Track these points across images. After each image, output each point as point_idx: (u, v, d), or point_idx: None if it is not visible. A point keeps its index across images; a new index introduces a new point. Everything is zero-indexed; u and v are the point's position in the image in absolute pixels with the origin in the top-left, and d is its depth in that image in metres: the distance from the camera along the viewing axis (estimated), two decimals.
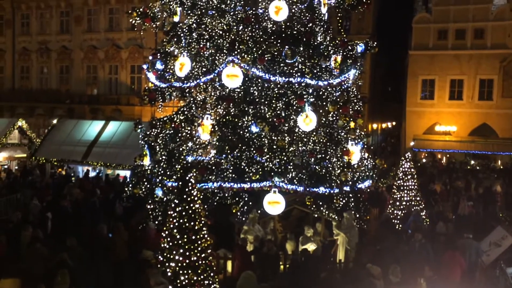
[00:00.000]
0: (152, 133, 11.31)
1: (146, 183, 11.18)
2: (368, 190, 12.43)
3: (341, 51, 10.61)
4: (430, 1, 44.41)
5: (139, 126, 11.66)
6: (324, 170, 10.41)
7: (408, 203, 13.44)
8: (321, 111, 10.86)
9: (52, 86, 37.21)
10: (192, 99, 11.54)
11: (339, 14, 12.03)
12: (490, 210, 16.29)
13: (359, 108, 11.34)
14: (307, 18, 11.01)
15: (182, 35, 11.12)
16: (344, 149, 10.71)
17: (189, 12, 11.21)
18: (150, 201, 11.17)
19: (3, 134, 22.30)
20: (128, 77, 35.25)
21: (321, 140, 10.95)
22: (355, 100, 11.32)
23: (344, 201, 10.38)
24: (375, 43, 11.58)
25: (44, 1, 36.96)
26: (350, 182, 10.47)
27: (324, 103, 10.75)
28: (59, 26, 37.15)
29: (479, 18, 32.28)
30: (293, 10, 10.80)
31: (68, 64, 36.89)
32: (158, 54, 11.38)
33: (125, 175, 19.60)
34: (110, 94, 35.41)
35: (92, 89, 36.31)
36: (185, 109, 11.45)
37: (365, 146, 11.78)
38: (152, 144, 11.25)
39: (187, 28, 11.18)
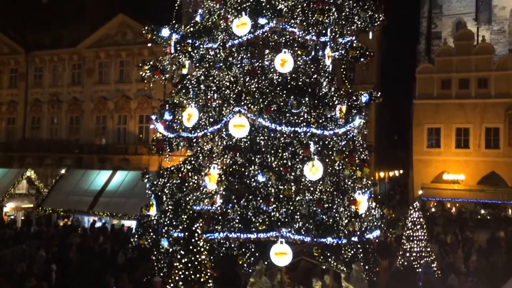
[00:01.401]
0: (159, 182, 11.35)
1: (151, 234, 11.10)
2: (377, 240, 12.23)
3: (346, 101, 10.77)
4: (432, 52, 45.40)
5: (146, 176, 11.71)
6: (331, 220, 10.30)
7: (418, 254, 13.18)
8: (327, 160, 10.89)
9: (62, 136, 37.79)
10: (199, 148, 11.65)
11: (343, 66, 12.30)
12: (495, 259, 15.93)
13: (365, 157, 11.37)
14: (312, 69, 11.27)
15: (190, 86, 11.39)
16: (351, 198, 10.64)
17: (197, 64, 11.54)
18: (155, 252, 11.05)
19: (12, 185, 22.47)
20: (137, 127, 35.78)
21: (328, 189, 10.90)
22: (361, 149, 11.36)
23: (352, 252, 10.19)
24: (379, 93, 11.77)
25: (57, 55, 38.24)
26: (358, 232, 10.32)
27: (330, 153, 10.79)
28: (71, 78, 38.23)
29: (482, 68, 32.82)
30: (298, 62, 11.08)
31: (78, 115, 37.62)
32: (167, 105, 11.61)
33: (130, 225, 19.50)
34: (118, 143, 35.85)
35: (101, 139, 36.80)
36: (192, 158, 11.53)
37: (373, 195, 11.71)
38: (159, 193, 11.26)
39: (195, 80, 11.46)
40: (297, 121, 10.41)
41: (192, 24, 11.81)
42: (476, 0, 46.83)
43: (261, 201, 10.14)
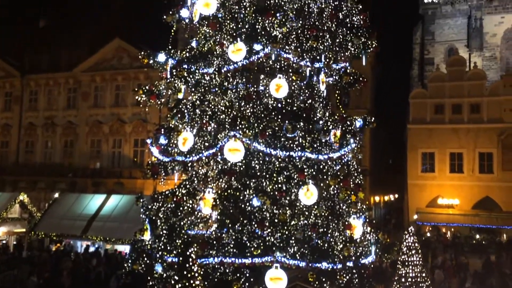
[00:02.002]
0: (154, 207, 11.29)
1: (145, 259, 10.98)
2: (372, 265, 12.15)
3: (340, 126, 10.86)
4: (425, 77, 46.05)
5: (141, 200, 11.66)
6: (326, 245, 10.27)
7: (413, 280, 13.08)
8: (322, 184, 10.91)
9: (56, 160, 37.65)
10: (194, 173, 11.65)
11: (337, 91, 12.44)
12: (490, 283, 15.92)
13: (360, 182, 11.39)
14: (307, 94, 11.40)
15: (185, 111, 11.46)
16: (346, 223, 10.63)
17: (193, 89, 11.64)
18: (149, 278, 10.91)
19: (4, 209, 22.26)
20: (131, 150, 35.75)
21: (323, 214, 10.89)
22: (356, 174, 11.39)
23: (347, 277, 10.12)
24: (373, 118, 11.88)
25: (53, 79, 38.42)
26: (353, 257, 10.28)
27: (325, 177, 10.82)
28: (66, 102, 38.33)
29: (474, 93, 33.28)
30: (292, 88, 11.21)
31: (73, 139, 37.57)
32: (162, 129, 11.65)
33: (124, 250, 19.30)
34: (113, 167, 35.73)
35: (95, 163, 36.68)
36: (187, 183, 11.52)
37: (368, 220, 11.69)
38: (153, 218, 11.19)
39: (190, 104, 11.54)
40: (292, 145, 10.47)
41: (188, 50, 11.96)
42: (467, 27, 47.85)
43: (256, 225, 10.10)
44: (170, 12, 11.93)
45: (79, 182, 35.47)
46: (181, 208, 11.15)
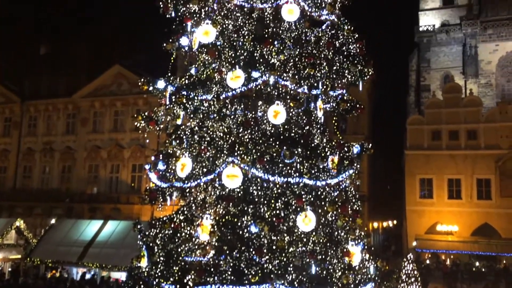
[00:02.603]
0: (151, 233, 11.23)
1: (142, 286, 10.86)
2: None
3: (338, 152, 10.92)
4: (422, 103, 46.46)
5: (138, 226, 11.60)
6: (325, 272, 10.19)
7: None
8: (320, 211, 10.89)
9: (53, 186, 37.53)
10: (192, 199, 11.63)
11: (335, 117, 12.55)
12: None
13: (358, 208, 11.38)
14: (304, 121, 11.50)
15: (184, 137, 11.52)
16: (345, 250, 10.58)
17: (191, 115, 11.73)
18: None
19: (0, 235, 22.07)
20: (129, 176, 35.69)
21: (321, 240, 10.84)
22: (354, 200, 11.39)
23: None
24: (370, 144, 11.95)
25: (52, 104, 38.65)
26: (352, 285, 10.18)
27: (323, 203, 10.82)
28: (65, 127, 38.47)
29: (470, 120, 33.53)
30: (290, 114, 11.31)
31: (71, 164, 37.55)
32: (160, 155, 11.69)
33: (120, 276, 19.07)
34: (110, 192, 35.61)
35: (92, 188, 36.56)
36: (185, 209, 11.49)
37: (366, 247, 11.63)
38: (150, 244, 11.12)
39: (189, 130, 11.62)
40: (289, 171, 10.50)
41: (187, 77, 12.10)
42: (462, 54, 48.55)
43: (253, 252, 10.04)
44: (170, 40, 12.13)
45: (75, 208, 35.28)
46: (178, 235, 11.10)
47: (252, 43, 11.11)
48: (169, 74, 12.25)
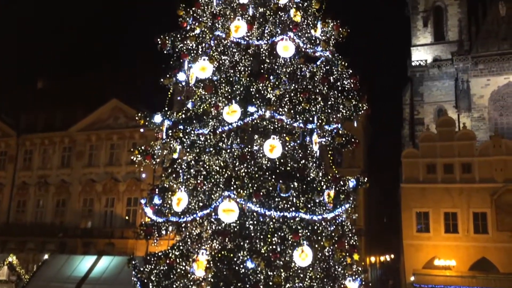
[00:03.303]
0: (146, 269, 11.09)
1: None
2: None
3: (333, 186, 10.95)
4: (416, 137, 46.84)
5: (132, 262, 11.46)
6: None
7: None
8: (316, 246, 10.82)
9: (47, 220, 37.11)
10: (187, 233, 11.55)
11: (330, 151, 12.64)
12: None
13: (355, 243, 11.32)
14: (300, 155, 11.59)
15: (180, 171, 11.54)
16: (342, 286, 10.46)
17: (188, 149, 11.79)
18: None
19: None
20: (124, 209, 35.39)
21: (318, 276, 10.73)
22: (351, 234, 11.35)
23: None
24: (366, 178, 12.00)
25: (48, 138, 38.66)
26: None
27: (319, 238, 10.76)
28: (60, 161, 38.36)
29: (464, 153, 33.71)
30: (286, 148, 11.40)
31: (65, 197, 37.26)
32: (156, 189, 11.67)
33: None
34: (104, 227, 35.22)
35: (86, 222, 36.17)
36: (180, 244, 11.39)
37: (364, 282, 11.51)
38: (145, 281, 10.96)
39: (185, 164, 11.64)
40: (286, 205, 10.49)
41: (184, 111, 12.23)
42: (455, 89, 49.31)
43: None
44: (168, 76, 12.32)
45: (69, 243, 34.78)
46: (174, 271, 10.96)
47: (248, 79, 11.31)
48: (166, 108, 12.38)
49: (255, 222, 10.98)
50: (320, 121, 11.48)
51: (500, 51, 47.54)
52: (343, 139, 12.02)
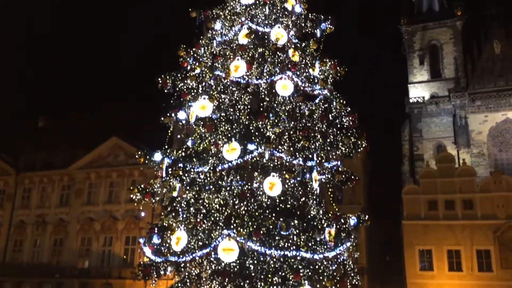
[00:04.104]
0: None
1: None
2: None
3: (334, 224, 10.86)
4: (416, 173, 46.75)
5: None
6: None
7: None
8: (318, 286, 10.62)
9: (43, 260, 36.48)
10: (187, 274, 11.36)
11: (330, 189, 12.61)
12: None
13: (357, 282, 11.13)
14: (300, 192, 11.56)
15: (180, 209, 11.48)
16: None
17: (187, 187, 11.76)
18: None
19: None
20: (122, 248, 34.87)
21: None
22: (353, 274, 11.17)
23: None
24: (367, 216, 11.93)
25: (47, 176, 38.52)
26: None
27: (321, 278, 10.58)
28: (59, 199, 38.08)
29: (465, 190, 33.51)
30: (286, 186, 11.38)
31: (63, 237, 36.76)
32: (155, 228, 11.57)
33: None
34: (102, 267, 34.59)
35: (84, 262, 35.57)
36: (179, 285, 11.19)
37: None
38: None
39: (185, 203, 11.59)
40: (286, 244, 10.37)
41: (184, 149, 12.29)
42: (453, 125, 49.57)
43: None
44: (168, 114, 12.44)
45: (65, 283, 34.08)
46: None
47: (247, 117, 11.43)
48: (166, 146, 12.44)
49: (255, 261, 10.83)
50: (319, 159, 11.51)
51: (496, 88, 48.09)
52: (343, 176, 12.03)
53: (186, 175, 11.53)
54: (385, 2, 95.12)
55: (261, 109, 11.81)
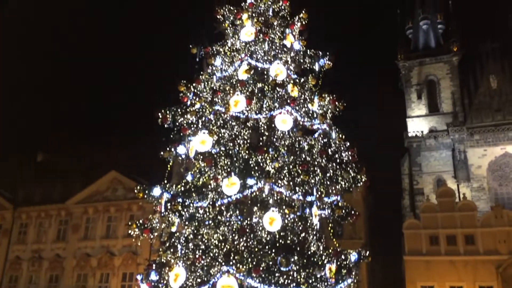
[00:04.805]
0: None
1: None
2: None
3: (335, 261, 10.72)
4: (417, 207, 46.46)
5: None
6: None
7: None
8: None
9: None
10: None
11: (330, 224, 12.51)
12: None
13: None
14: (300, 228, 11.44)
15: (178, 245, 11.35)
16: None
17: (186, 223, 11.66)
18: None
19: None
20: (119, 285, 34.18)
21: None
22: None
23: None
24: (368, 252, 11.78)
25: (45, 211, 38.20)
26: None
27: None
28: (56, 234, 37.59)
29: (467, 224, 33.23)
30: (286, 221, 11.28)
31: (59, 273, 36.09)
32: (153, 265, 11.39)
33: None
34: None
35: None
36: None
37: None
38: None
39: (184, 238, 11.47)
40: (286, 281, 10.20)
41: (183, 184, 12.25)
42: (452, 159, 49.63)
43: None
44: (167, 149, 12.47)
45: None
46: None
47: (247, 151, 11.44)
48: (165, 181, 12.41)
49: None
50: (319, 193, 11.46)
51: (494, 122, 48.46)
52: (343, 211, 11.95)
53: (185, 210, 11.45)
54: (383, 37, 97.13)
55: (261, 143, 11.85)
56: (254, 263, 10.25)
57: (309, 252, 11.13)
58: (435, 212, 34.46)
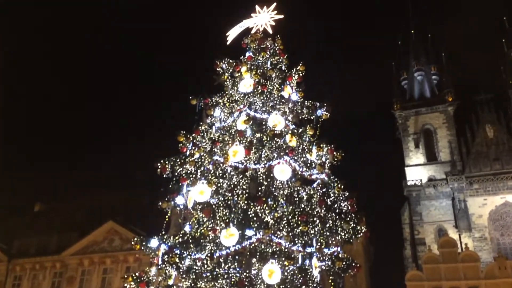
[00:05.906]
0: None
1: None
2: None
3: None
4: (419, 257, 45.59)
5: None
6: None
7: None
8: None
9: None
10: None
11: (331, 276, 12.24)
12: None
13: None
14: (300, 280, 11.18)
15: None
16: None
17: (184, 275, 11.41)
18: None
19: None
20: None
21: None
22: None
23: None
24: None
25: (40, 263, 37.37)
26: None
27: None
28: (50, 287, 36.61)
29: (470, 276, 32.55)
30: (285, 273, 11.04)
31: None
32: None
33: None
34: None
35: None
36: None
37: None
38: None
39: None
40: None
41: (181, 235, 12.09)
42: (453, 208, 49.20)
43: None
44: (166, 199, 12.41)
45: None
46: None
47: (246, 201, 11.38)
48: (163, 232, 12.27)
49: None
50: (319, 244, 11.31)
51: (493, 171, 48.45)
52: (344, 263, 11.72)
53: (182, 262, 11.25)
54: (380, 88, 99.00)
55: (260, 193, 11.81)
56: None
57: None
58: (437, 263, 33.80)
